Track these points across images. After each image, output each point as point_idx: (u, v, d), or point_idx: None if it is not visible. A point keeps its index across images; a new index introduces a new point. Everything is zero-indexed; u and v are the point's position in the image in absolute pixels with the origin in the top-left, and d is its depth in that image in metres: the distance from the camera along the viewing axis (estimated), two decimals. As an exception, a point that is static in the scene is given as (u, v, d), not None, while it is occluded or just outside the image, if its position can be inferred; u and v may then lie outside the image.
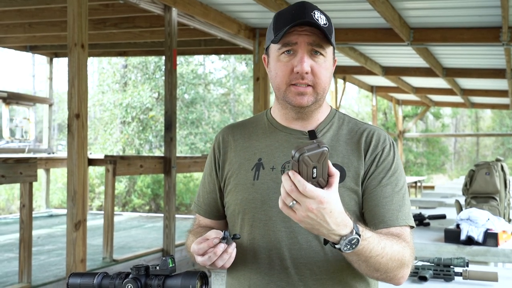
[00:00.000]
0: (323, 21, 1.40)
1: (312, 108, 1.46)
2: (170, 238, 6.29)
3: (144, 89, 18.49)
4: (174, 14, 6.16)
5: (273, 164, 1.46)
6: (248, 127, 1.57)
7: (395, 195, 1.43)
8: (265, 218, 1.44)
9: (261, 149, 1.50)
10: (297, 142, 1.47)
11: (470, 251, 2.89)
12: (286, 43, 1.40)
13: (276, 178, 1.44)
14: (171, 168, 6.23)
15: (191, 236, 1.56)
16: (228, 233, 1.32)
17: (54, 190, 17.28)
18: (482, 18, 6.00)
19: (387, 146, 1.47)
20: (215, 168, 1.57)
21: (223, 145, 1.56)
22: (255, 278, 1.44)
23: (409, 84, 11.71)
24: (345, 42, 6.96)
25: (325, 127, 1.50)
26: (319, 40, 1.40)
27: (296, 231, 1.41)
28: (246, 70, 21.20)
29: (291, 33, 1.39)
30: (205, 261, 1.32)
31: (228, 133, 1.58)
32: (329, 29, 1.41)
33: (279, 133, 1.50)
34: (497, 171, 3.44)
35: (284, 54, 1.41)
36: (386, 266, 1.31)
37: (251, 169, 1.48)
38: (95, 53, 10.32)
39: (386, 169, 1.45)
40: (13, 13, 7.38)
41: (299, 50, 1.40)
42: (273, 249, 1.42)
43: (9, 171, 4.40)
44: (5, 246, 6.78)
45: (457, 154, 28.93)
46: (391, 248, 1.31)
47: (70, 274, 1.34)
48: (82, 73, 4.28)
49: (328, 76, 1.44)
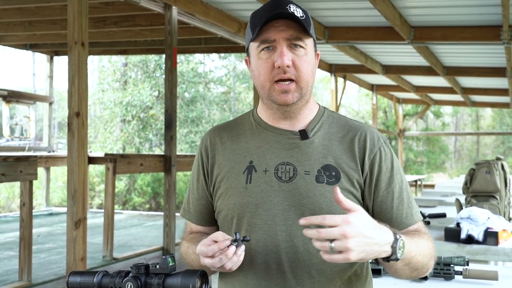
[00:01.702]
0: (300, 13, 1.38)
1: (298, 105, 1.43)
2: (170, 236, 6.29)
3: (144, 88, 18.49)
4: (175, 12, 6.15)
5: (265, 167, 1.42)
6: (235, 128, 1.52)
7: (403, 192, 1.44)
8: (260, 222, 1.41)
9: (251, 151, 1.46)
10: (288, 142, 1.44)
11: (470, 250, 2.89)
12: (264, 40, 1.38)
13: (270, 181, 1.41)
14: (171, 167, 6.23)
15: (186, 243, 1.53)
16: (239, 235, 1.30)
17: (54, 188, 17.29)
18: (483, 16, 6.00)
19: (383, 145, 1.46)
20: (203, 173, 1.52)
21: (210, 148, 1.51)
22: (251, 283, 1.41)
23: (410, 83, 11.70)
24: (345, 40, 6.95)
25: (316, 125, 1.46)
26: (297, 33, 1.37)
27: (292, 234, 1.39)
28: (246, 68, 21.17)
29: (268, 29, 1.37)
30: (214, 263, 1.29)
31: (215, 135, 1.53)
32: (307, 21, 1.39)
33: (269, 134, 1.46)
34: (498, 170, 3.45)
35: (264, 51, 1.39)
36: (423, 262, 1.35)
37: (243, 172, 1.44)
38: (95, 52, 10.32)
39: (389, 169, 1.44)
40: (13, 11, 7.38)
41: (278, 46, 1.37)
42: (269, 253, 1.40)
43: (9, 169, 4.40)
44: (5, 244, 6.78)
45: (458, 153, 28.94)
46: (422, 244, 1.36)
47: (70, 273, 1.33)
48: (82, 72, 4.28)
49: (310, 69, 1.41)
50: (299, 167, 1.41)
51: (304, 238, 1.37)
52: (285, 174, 1.41)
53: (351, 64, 9.44)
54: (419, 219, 1.45)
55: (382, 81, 11.84)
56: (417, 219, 1.44)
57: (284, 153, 1.43)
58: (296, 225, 1.37)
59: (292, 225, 1.38)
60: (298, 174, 1.40)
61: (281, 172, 1.41)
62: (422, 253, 1.34)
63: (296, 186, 1.39)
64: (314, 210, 1.37)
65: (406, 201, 1.44)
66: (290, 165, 1.41)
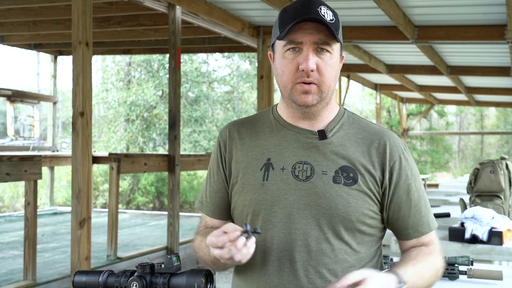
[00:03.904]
0: (330, 16, 1.36)
1: (318, 108, 1.43)
2: (174, 236, 6.30)
3: (148, 87, 18.50)
4: (178, 12, 6.16)
5: (283, 165, 1.42)
6: (254, 124, 1.52)
7: (421, 200, 1.46)
8: (275, 220, 1.41)
9: (269, 148, 1.46)
10: (307, 141, 1.44)
11: (475, 249, 2.89)
12: (291, 41, 1.37)
13: (286, 179, 1.41)
14: (175, 166, 6.24)
15: (199, 237, 1.52)
16: (249, 226, 1.29)
17: (58, 188, 17.32)
18: (487, 16, 5.98)
19: (403, 152, 1.46)
20: (222, 165, 1.51)
21: (229, 142, 1.51)
22: (263, 280, 1.42)
23: (414, 82, 11.68)
24: (349, 40, 6.94)
25: (335, 126, 1.46)
26: (325, 38, 1.36)
27: (306, 234, 1.39)
28: (250, 68, 21.18)
29: (296, 30, 1.36)
30: (223, 254, 1.28)
31: (233, 130, 1.52)
32: (336, 25, 1.38)
33: (288, 132, 1.46)
34: (502, 169, 3.44)
35: (290, 51, 1.38)
36: (428, 283, 1.42)
37: (260, 169, 1.44)
38: (99, 51, 10.33)
39: (408, 176, 1.44)
40: (17, 11, 7.39)
41: (304, 48, 1.37)
42: (283, 251, 1.40)
43: (14, 169, 4.42)
44: (10, 243, 6.80)
45: (461, 152, 28.87)
46: (428, 269, 1.41)
47: (75, 272, 1.34)
48: (86, 71, 4.29)
49: (334, 74, 1.41)
50: (317, 167, 1.41)
51: (318, 237, 1.39)
52: (302, 173, 1.41)
53: (355, 63, 9.44)
54: (434, 227, 1.49)
55: (386, 81, 11.82)
56: (432, 227, 1.48)
57: (302, 152, 1.43)
58: (310, 224, 1.38)
59: (307, 224, 1.39)
60: (315, 173, 1.40)
61: (298, 171, 1.41)
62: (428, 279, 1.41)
63: (313, 186, 1.39)
64: (330, 210, 1.38)
65: (424, 209, 1.46)
66: (308, 164, 1.41)
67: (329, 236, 1.39)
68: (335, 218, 1.38)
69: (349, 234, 1.40)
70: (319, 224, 1.39)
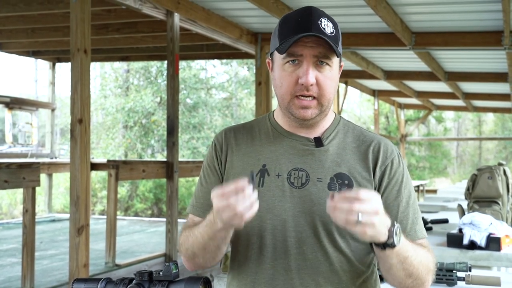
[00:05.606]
0: (330, 29, 1.35)
1: (316, 120, 1.42)
2: (173, 242, 6.29)
3: (146, 94, 18.52)
4: (176, 19, 6.17)
5: (278, 171, 1.42)
6: (250, 130, 1.52)
7: (409, 208, 1.44)
8: (270, 227, 1.40)
9: (265, 154, 1.45)
10: (303, 148, 1.44)
11: (473, 255, 2.89)
12: (291, 53, 1.36)
13: (282, 186, 1.41)
14: (174, 173, 6.23)
15: (186, 231, 1.46)
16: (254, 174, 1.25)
17: (57, 194, 17.29)
18: (484, 22, 6.01)
19: (396, 157, 1.46)
20: (218, 166, 1.49)
21: (225, 146, 1.50)
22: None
23: (411, 88, 11.71)
24: (347, 46, 6.96)
25: (331, 134, 1.47)
26: (325, 51, 1.35)
27: (302, 241, 1.38)
28: (248, 74, 21.22)
29: (296, 43, 1.34)
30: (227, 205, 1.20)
31: (230, 134, 1.51)
32: (336, 38, 1.37)
33: (284, 139, 1.46)
34: (500, 175, 3.44)
35: (289, 64, 1.37)
36: (418, 271, 1.34)
37: (255, 175, 1.43)
38: (98, 58, 10.35)
39: (398, 182, 1.44)
40: (16, 18, 7.41)
41: (304, 61, 1.36)
42: (278, 258, 1.39)
43: (12, 176, 4.41)
44: (8, 251, 6.78)
45: (460, 158, 28.89)
46: (420, 252, 1.36)
47: (73, 280, 1.34)
48: (85, 78, 4.29)
49: (333, 87, 1.40)
50: (312, 174, 1.41)
51: (313, 245, 1.37)
52: (297, 180, 1.41)
53: (353, 69, 9.46)
54: (423, 236, 1.44)
55: (384, 87, 11.85)
56: (420, 236, 1.43)
57: (297, 159, 1.43)
58: (306, 232, 1.38)
59: (302, 231, 1.38)
60: (310, 180, 1.40)
61: (293, 178, 1.41)
62: (419, 259, 1.34)
63: (308, 193, 1.39)
64: (324, 218, 1.36)
65: (412, 216, 1.43)
66: (303, 171, 1.41)
67: (324, 243, 1.38)
68: (330, 225, 1.37)
69: (344, 241, 1.39)
70: (315, 231, 1.38)
